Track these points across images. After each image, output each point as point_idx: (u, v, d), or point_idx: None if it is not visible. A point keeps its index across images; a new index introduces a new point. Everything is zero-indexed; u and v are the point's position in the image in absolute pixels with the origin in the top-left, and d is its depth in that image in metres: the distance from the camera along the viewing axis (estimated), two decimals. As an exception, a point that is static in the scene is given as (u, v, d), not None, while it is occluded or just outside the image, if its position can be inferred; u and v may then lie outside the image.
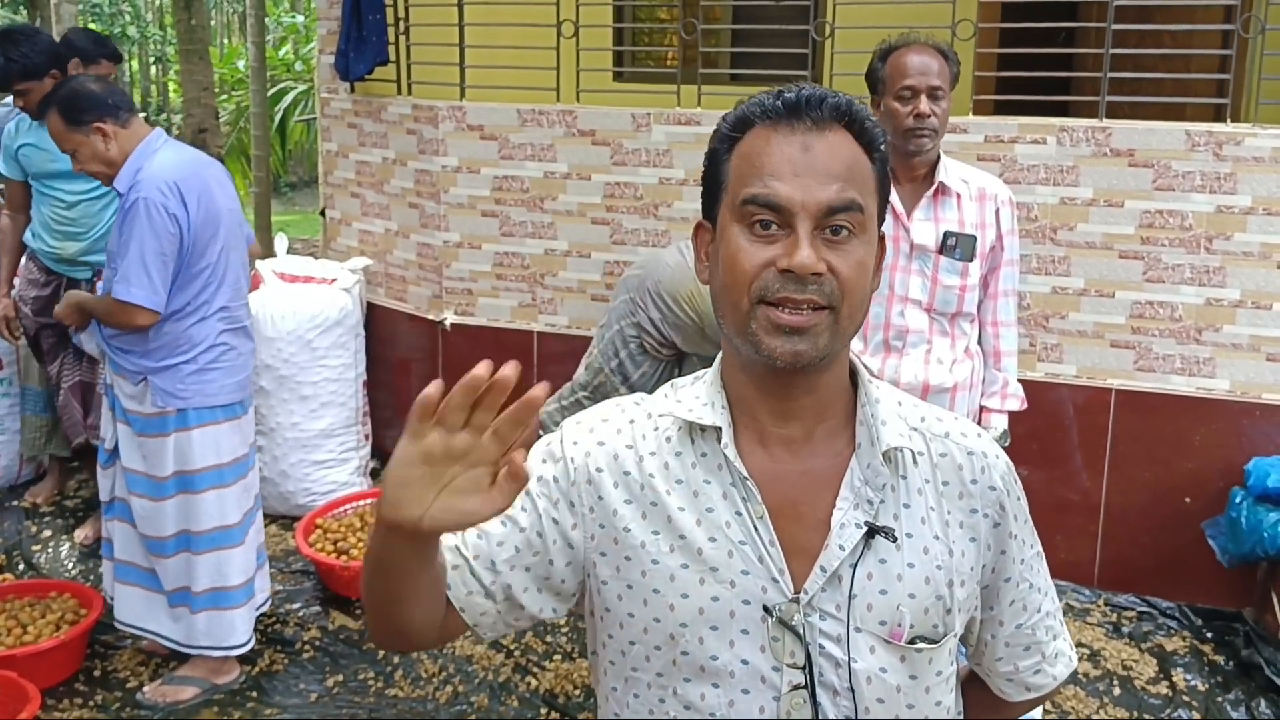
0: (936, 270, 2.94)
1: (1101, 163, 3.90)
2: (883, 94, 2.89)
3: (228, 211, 3.38)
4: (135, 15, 20.55)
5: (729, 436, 1.23)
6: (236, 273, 3.43)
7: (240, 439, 3.50)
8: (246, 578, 3.54)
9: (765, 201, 1.15)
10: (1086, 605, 4.03)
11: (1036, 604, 1.34)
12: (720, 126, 1.24)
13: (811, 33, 4.30)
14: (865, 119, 1.19)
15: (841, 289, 1.15)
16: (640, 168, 4.48)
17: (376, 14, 4.99)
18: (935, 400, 2.97)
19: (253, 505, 3.61)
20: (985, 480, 1.28)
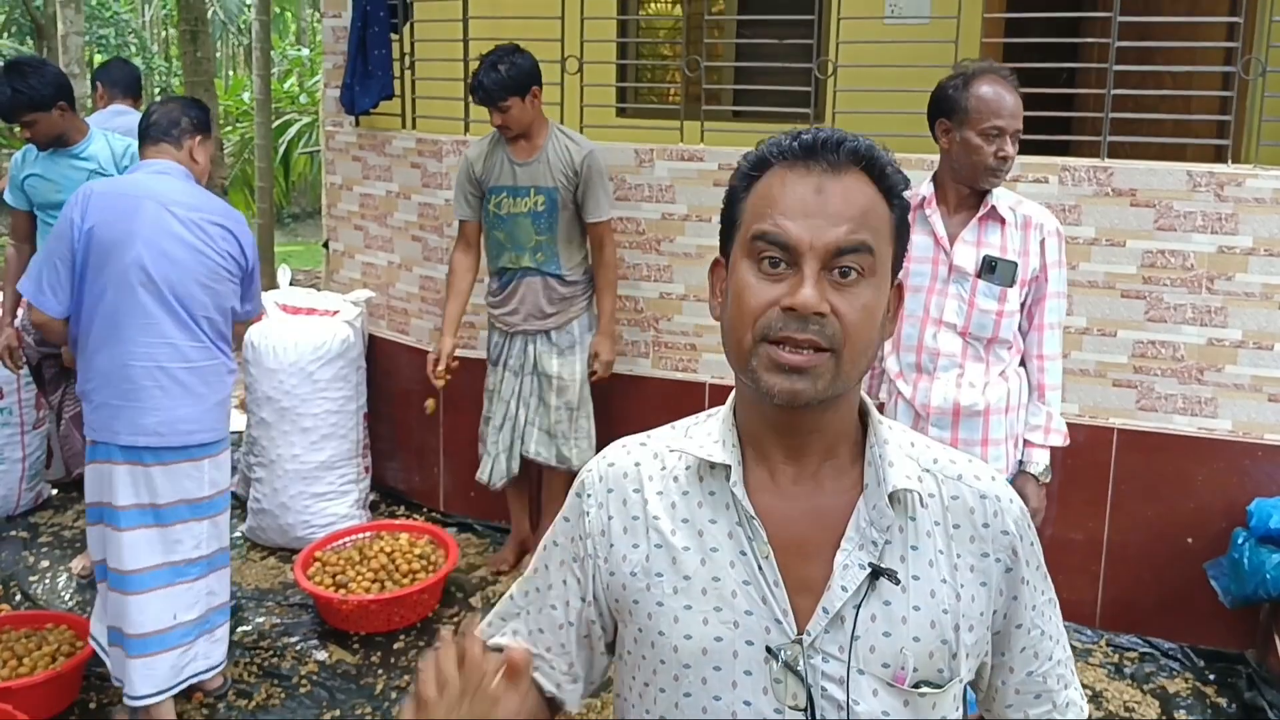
0: (974, 294, 2.93)
1: (1103, 202, 3.91)
2: (961, 124, 2.87)
3: (160, 254, 3.18)
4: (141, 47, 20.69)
5: (738, 474, 1.23)
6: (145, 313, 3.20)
7: (94, 485, 3.31)
8: (140, 631, 3.29)
9: (774, 239, 1.16)
10: (1089, 646, 4.01)
11: (1048, 651, 1.32)
12: (740, 165, 1.25)
13: (814, 71, 4.32)
14: (886, 165, 1.19)
15: (844, 332, 1.15)
16: (643, 203, 4.49)
17: (382, 49, 5.03)
18: (967, 423, 2.98)
19: (159, 563, 3.30)
20: (998, 524, 1.26)
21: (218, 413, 3.36)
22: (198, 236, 3.25)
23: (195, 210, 3.27)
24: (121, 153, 4.28)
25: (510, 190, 4.18)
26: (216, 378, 3.35)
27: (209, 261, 3.27)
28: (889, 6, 5.19)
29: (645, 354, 4.60)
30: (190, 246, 3.24)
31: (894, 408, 3.10)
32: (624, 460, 1.33)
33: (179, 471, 3.29)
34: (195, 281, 3.25)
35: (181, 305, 3.23)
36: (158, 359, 3.22)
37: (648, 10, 6.64)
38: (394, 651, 4.02)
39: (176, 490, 3.29)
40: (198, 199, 3.31)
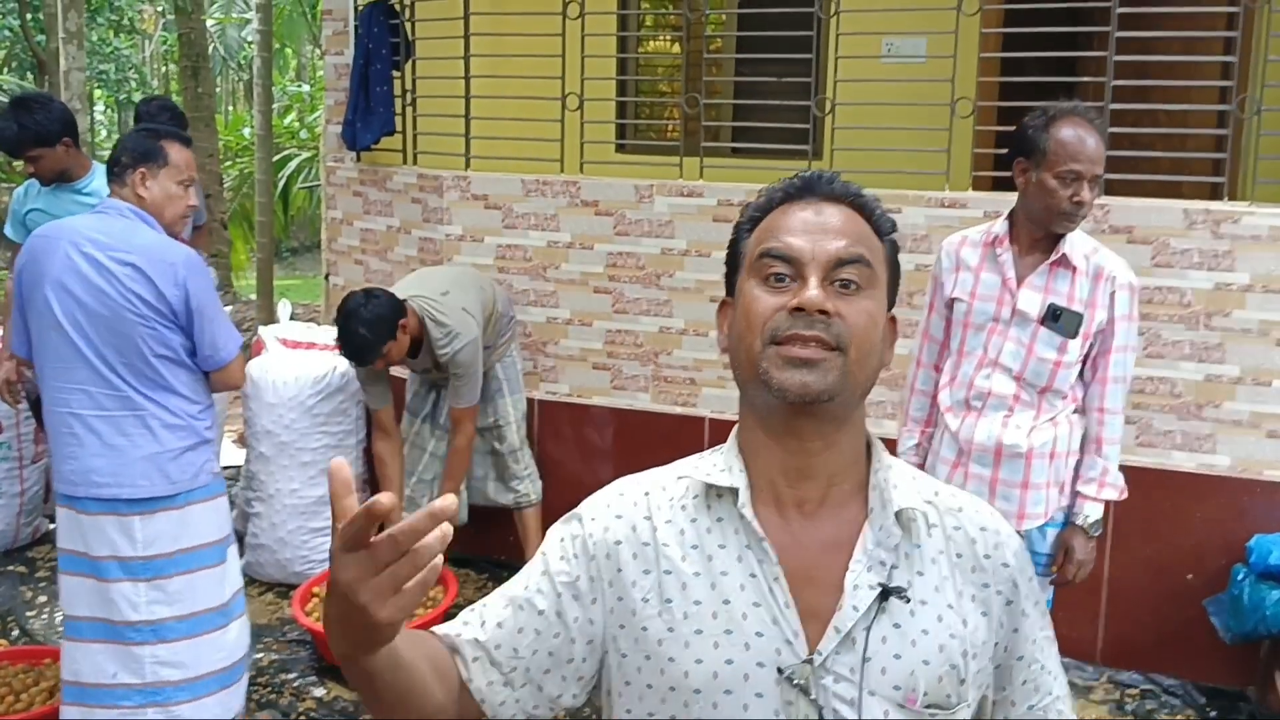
0: (1034, 340, 2.89)
1: (1100, 239, 3.89)
2: (1039, 164, 2.82)
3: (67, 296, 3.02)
4: (141, 82, 20.81)
5: (746, 497, 1.25)
6: (64, 358, 3.05)
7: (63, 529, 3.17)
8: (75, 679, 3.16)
9: (779, 254, 1.23)
10: (1090, 683, 4.00)
11: (1048, 686, 1.33)
12: (745, 209, 1.32)
13: (812, 108, 4.36)
14: (875, 208, 1.28)
15: (850, 332, 1.20)
16: (642, 238, 4.52)
17: (384, 85, 5.07)
18: (1009, 464, 2.93)
19: (95, 616, 3.11)
20: (998, 557, 1.28)
21: (146, 467, 3.06)
22: (102, 276, 3.00)
23: (105, 249, 3.01)
24: None
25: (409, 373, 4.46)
26: (139, 429, 3.06)
27: (110, 303, 3.00)
28: (886, 46, 5.24)
29: (645, 388, 4.61)
30: (93, 287, 3.00)
31: (940, 439, 3.08)
32: (633, 490, 1.34)
33: (103, 524, 3.07)
34: (104, 324, 3.01)
35: (92, 349, 3.02)
36: (71, 405, 3.06)
37: (647, 48, 6.70)
38: (392, 687, 4.00)
39: (104, 544, 3.07)
40: (114, 237, 3.04)
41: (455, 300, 4.05)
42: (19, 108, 4.09)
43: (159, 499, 3.09)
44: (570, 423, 4.75)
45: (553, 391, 4.76)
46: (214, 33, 23.91)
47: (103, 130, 23.04)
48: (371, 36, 5.06)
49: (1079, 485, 2.98)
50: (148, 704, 3.13)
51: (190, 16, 12.52)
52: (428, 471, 4.52)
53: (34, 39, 12.63)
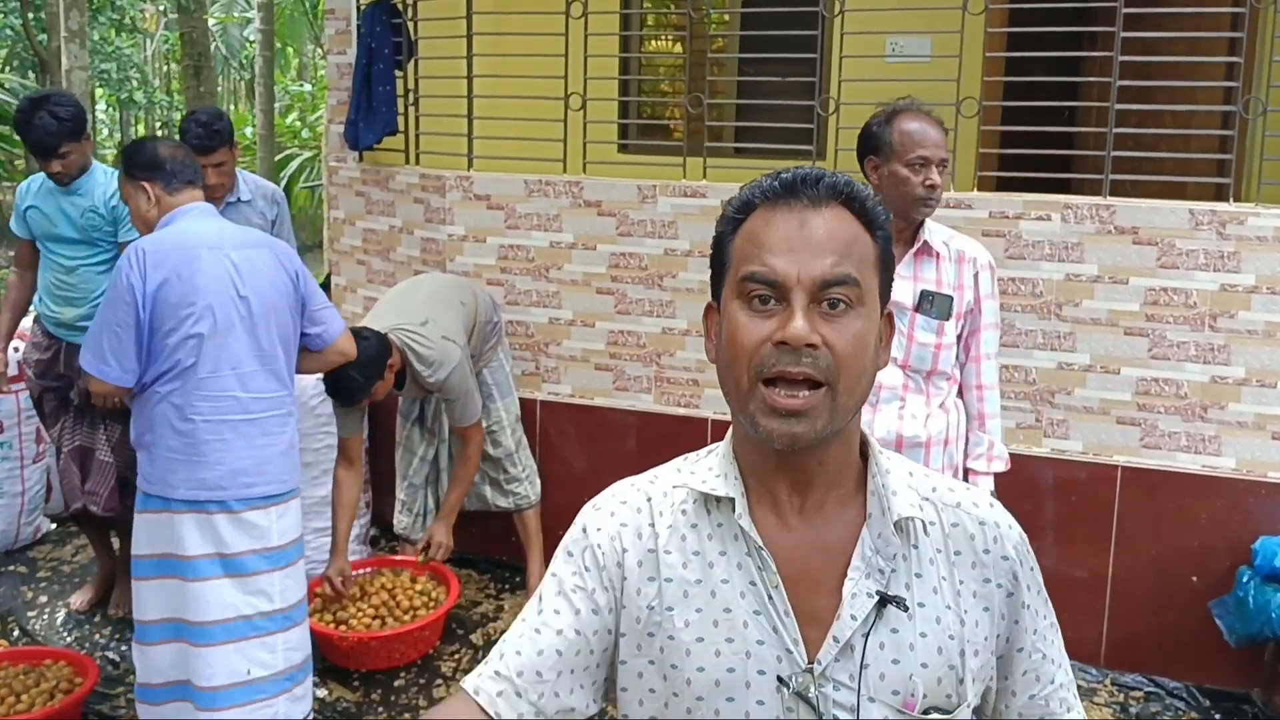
0: (912, 328, 2.96)
1: (1106, 240, 3.92)
2: (888, 158, 2.92)
3: (227, 300, 3.10)
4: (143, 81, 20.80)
5: (743, 506, 1.25)
6: (211, 366, 3.09)
7: (148, 536, 3.16)
8: (164, 680, 3.20)
9: (762, 278, 1.18)
10: (1094, 685, 3.99)
11: (1050, 675, 1.33)
12: (725, 210, 1.27)
13: (816, 108, 4.35)
14: (866, 199, 1.22)
15: (836, 363, 1.16)
16: (645, 238, 4.51)
17: (386, 85, 5.06)
18: (910, 454, 2.97)
19: (172, 615, 3.16)
20: (998, 550, 1.28)
21: (285, 462, 3.24)
22: (257, 273, 3.16)
23: (239, 247, 3.18)
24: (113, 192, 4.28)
25: (418, 412, 4.50)
26: (280, 426, 3.23)
27: (272, 296, 3.19)
28: (890, 45, 5.22)
29: (647, 389, 4.60)
30: (255, 285, 3.15)
31: None
32: (635, 496, 1.33)
33: (245, 520, 3.16)
34: (270, 319, 3.18)
35: (255, 347, 3.16)
36: (222, 411, 3.12)
37: (650, 48, 6.69)
38: (394, 689, 3.99)
39: (241, 541, 3.15)
40: (232, 236, 3.22)
41: (435, 330, 4.03)
42: (48, 102, 4.07)
43: (291, 491, 3.29)
44: (572, 424, 4.73)
45: (555, 392, 4.75)
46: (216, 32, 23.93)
47: (104, 129, 23.05)
48: (374, 36, 5.04)
49: (969, 462, 3.10)
50: (279, 693, 3.25)
51: (192, 15, 12.53)
52: (417, 476, 4.53)
53: (36, 38, 12.62)
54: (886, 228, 1.24)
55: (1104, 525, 4.03)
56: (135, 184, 3.26)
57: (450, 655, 4.22)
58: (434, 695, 3.96)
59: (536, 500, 4.54)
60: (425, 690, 3.99)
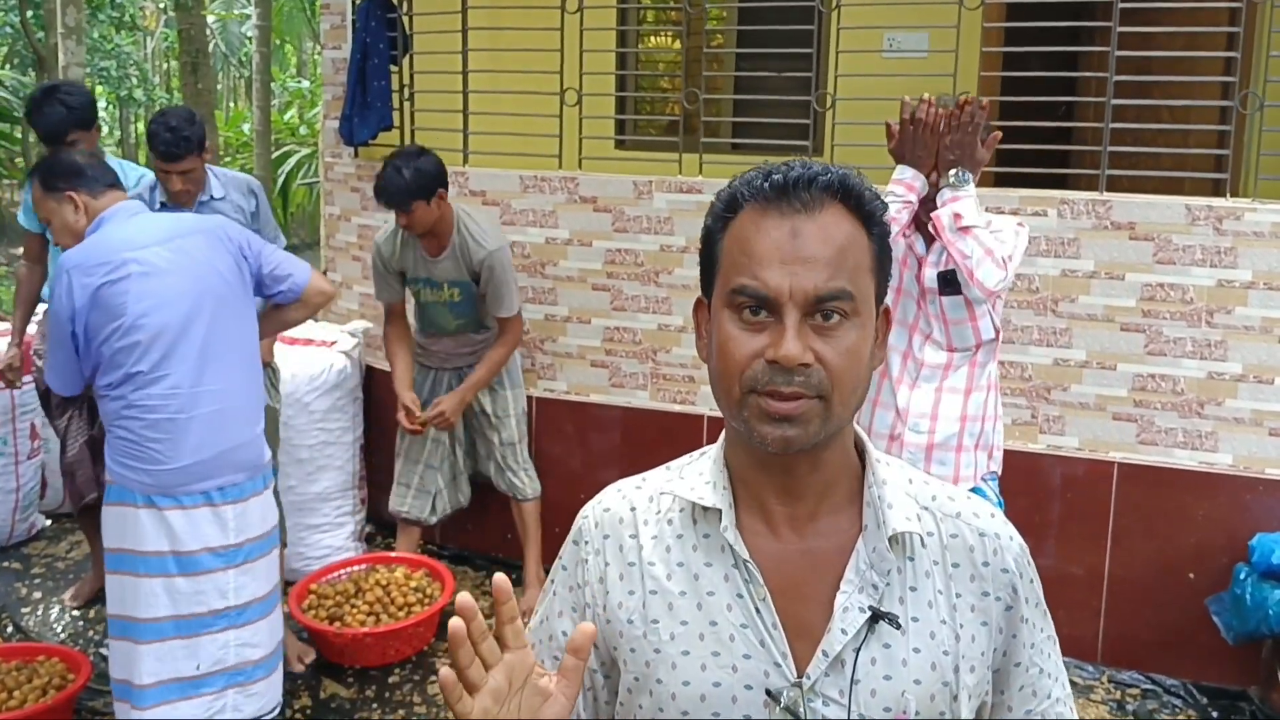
0: (943, 311, 3.01)
1: (1102, 235, 3.91)
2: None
3: (159, 301, 3.01)
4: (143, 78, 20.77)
5: (729, 519, 1.22)
6: (151, 367, 3.02)
7: (109, 530, 3.12)
8: (156, 679, 3.12)
9: (753, 293, 1.14)
10: (1090, 682, 3.97)
11: (1046, 690, 1.29)
12: (714, 204, 1.23)
13: (813, 103, 4.34)
14: (863, 193, 1.18)
15: (831, 379, 1.13)
16: (641, 234, 4.49)
17: (381, 80, 5.04)
18: (944, 429, 3.02)
19: (193, 611, 3.12)
20: (998, 562, 1.25)
21: (241, 456, 3.17)
22: (194, 263, 3.11)
23: (172, 239, 3.11)
24: (137, 180, 4.31)
25: (426, 282, 4.30)
26: (250, 413, 3.23)
27: (214, 282, 3.13)
28: (887, 40, 5.21)
29: (643, 386, 4.58)
30: (189, 281, 3.09)
31: (870, 415, 3.14)
32: (619, 505, 1.31)
33: (197, 517, 3.11)
34: (201, 318, 3.10)
35: (208, 342, 3.12)
36: (168, 411, 3.08)
37: (648, 43, 6.67)
38: (389, 685, 3.98)
39: (198, 538, 3.11)
40: (168, 228, 3.16)
41: (489, 218, 4.28)
42: (58, 92, 4.12)
43: (254, 486, 3.20)
44: (569, 420, 4.72)
45: (551, 389, 4.74)
46: (215, 28, 23.90)
47: (105, 126, 23.01)
48: (369, 31, 5.02)
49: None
50: (229, 687, 3.20)
51: (190, 12, 12.49)
52: (433, 458, 4.49)
53: (34, 35, 12.60)
54: (884, 222, 1.20)
55: (1101, 522, 4.01)
56: (59, 196, 3.19)
57: (444, 652, 4.21)
58: (428, 692, 3.95)
59: (534, 495, 4.52)
60: (419, 686, 3.98)
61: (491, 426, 4.44)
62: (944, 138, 2.94)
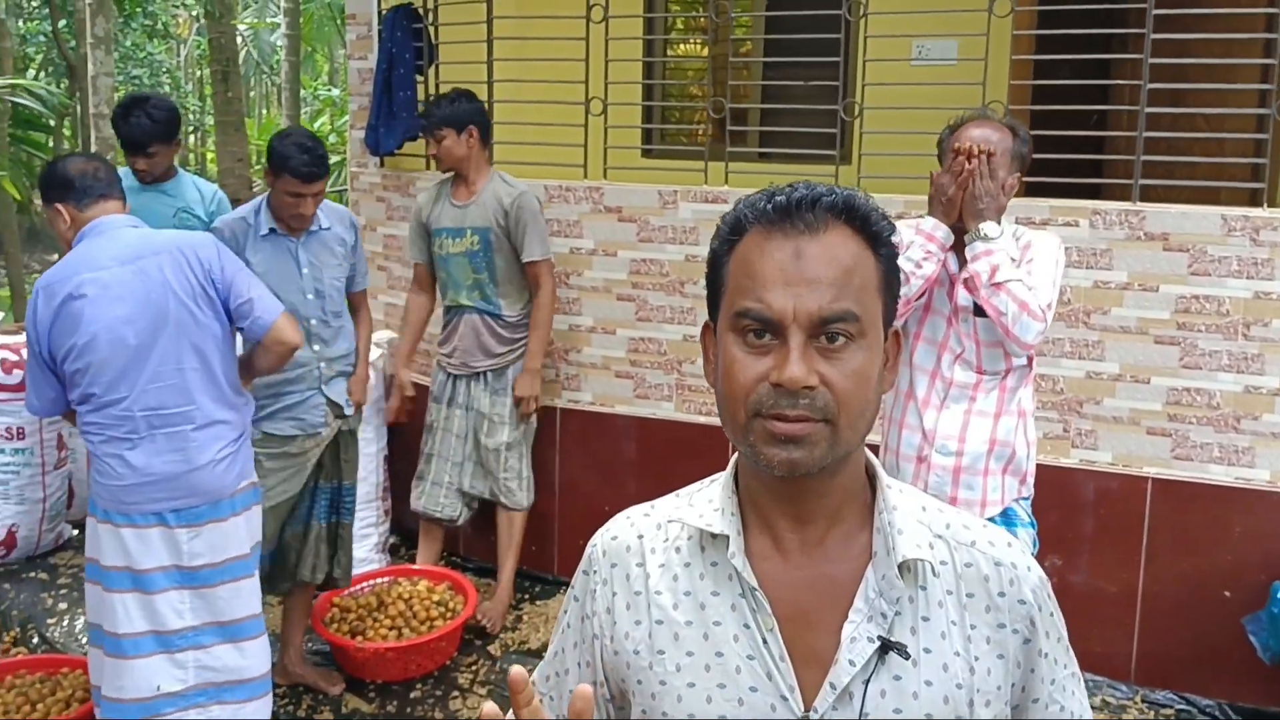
0: (977, 332, 2.93)
1: (1135, 246, 3.84)
2: (942, 165, 2.95)
3: (112, 322, 2.97)
4: (175, 86, 20.96)
5: (736, 546, 1.19)
6: (104, 389, 3.00)
7: (113, 549, 3.07)
8: (152, 693, 3.10)
9: (757, 315, 1.13)
10: (1123, 702, 3.89)
11: None
12: (719, 228, 1.21)
13: (840, 112, 4.29)
14: (869, 215, 1.15)
15: (836, 401, 1.11)
16: (667, 244, 4.46)
17: (407, 90, 5.04)
18: (972, 452, 2.94)
19: (151, 628, 3.09)
20: (1014, 593, 1.20)
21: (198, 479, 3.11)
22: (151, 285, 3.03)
23: (134, 260, 3.04)
24: (210, 196, 4.36)
25: (449, 231, 4.37)
26: (196, 440, 3.11)
27: (171, 306, 3.04)
28: (916, 49, 5.15)
29: (669, 397, 4.54)
30: (145, 303, 3.02)
31: (897, 437, 3.08)
32: (627, 533, 1.29)
33: (149, 537, 3.09)
34: (159, 341, 3.05)
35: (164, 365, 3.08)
36: (121, 431, 3.08)
37: (676, 51, 6.64)
38: (411, 700, 3.96)
39: (153, 556, 3.08)
40: (134, 246, 3.08)
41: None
42: (145, 103, 4.20)
43: (216, 510, 3.12)
44: (593, 432, 4.69)
45: (575, 400, 4.71)
46: (247, 37, 24.09)
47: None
48: (395, 41, 5.03)
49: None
50: (191, 706, 3.14)
51: (220, 21, 12.56)
52: (456, 454, 4.50)
53: (66, 44, 12.71)
54: (891, 244, 1.17)
55: (1134, 538, 3.94)
56: (51, 208, 3.16)
57: (467, 666, 4.18)
58: (450, 707, 3.92)
59: (525, 506, 4.51)
60: (441, 702, 3.95)
61: (484, 428, 4.43)
62: (968, 188, 2.87)
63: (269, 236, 3.71)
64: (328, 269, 3.80)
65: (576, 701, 1.06)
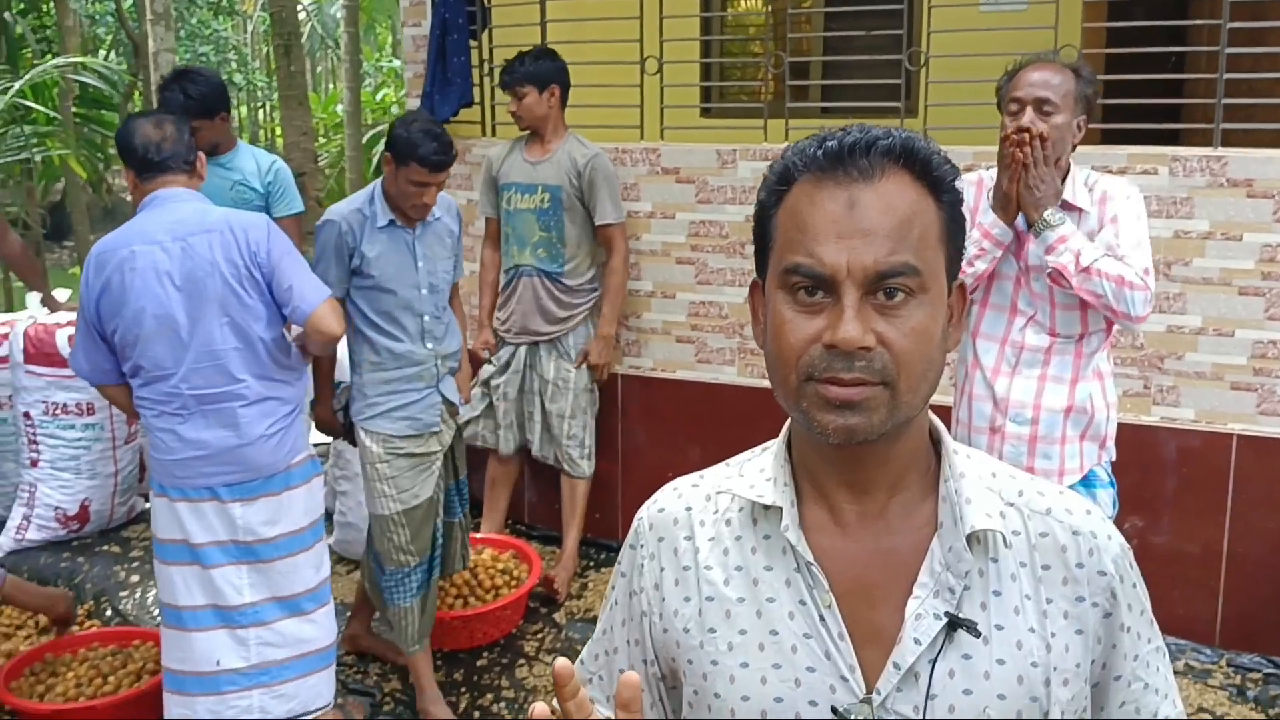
0: (1052, 292, 2.79)
1: (1217, 194, 3.67)
2: (1002, 112, 2.80)
3: (160, 297, 2.96)
4: (241, 63, 21.18)
5: (790, 518, 1.11)
6: (152, 363, 3.00)
7: (169, 522, 3.10)
8: (213, 668, 3.11)
9: (808, 271, 1.03)
10: (1208, 666, 3.76)
11: (1153, 708, 1.16)
12: (766, 178, 1.12)
13: (905, 62, 4.15)
14: (930, 157, 1.06)
15: (895, 362, 1.02)
16: (726, 205, 4.37)
17: (461, 56, 4.98)
18: (1048, 420, 2.82)
19: (211, 602, 3.10)
20: (1094, 564, 1.11)
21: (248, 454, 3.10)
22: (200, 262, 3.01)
23: (186, 236, 3.01)
24: (267, 168, 4.34)
25: (520, 187, 4.32)
26: (245, 416, 3.10)
27: (215, 284, 3.02)
28: (983, -6, 4.98)
29: (730, 361, 4.47)
30: (193, 279, 3.00)
31: (967, 409, 2.97)
32: (674, 505, 1.22)
33: (205, 510, 3.11)
34: (203, 318, 3.04)
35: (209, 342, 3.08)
36: (170, 406, 3.10)
37: (734, 6, 6.50)
38: (477, 669, 3.95)
39: (207, 531, 3.11)
40: (186, 223, 3.03)
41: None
42: (183, 79, 4.16)
43: (269, 484, 3.12)
44: (655, 398, 4.63)
45: (635, 366, 4.65)
46: (311, 11, 24.23)
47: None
48: (448, 6, 4.96)
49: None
50: (254, 686, 3.15)
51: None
52: (508, 417, 4.50)
53: (129, 23, 12.86)
54: (954, 190, 1.08)
55: (1218, 497, 3.79)
56: (125, 171, 3.19)
57: (533, 634, 4.16)
58: (516, 675, 3.91)
59: (587, 474, 4.47)
60: (508, 670, 3.94)
61: (548, 394, 4.39)
62: (1021, 179, 2.72)
63: (386, 228, 3.51)
64: (440, 261, 3.64)
65: (624, 691, 0.99)
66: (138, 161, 3.09)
